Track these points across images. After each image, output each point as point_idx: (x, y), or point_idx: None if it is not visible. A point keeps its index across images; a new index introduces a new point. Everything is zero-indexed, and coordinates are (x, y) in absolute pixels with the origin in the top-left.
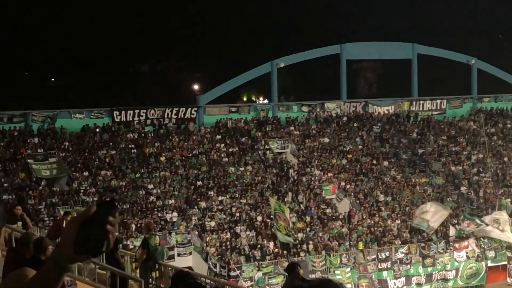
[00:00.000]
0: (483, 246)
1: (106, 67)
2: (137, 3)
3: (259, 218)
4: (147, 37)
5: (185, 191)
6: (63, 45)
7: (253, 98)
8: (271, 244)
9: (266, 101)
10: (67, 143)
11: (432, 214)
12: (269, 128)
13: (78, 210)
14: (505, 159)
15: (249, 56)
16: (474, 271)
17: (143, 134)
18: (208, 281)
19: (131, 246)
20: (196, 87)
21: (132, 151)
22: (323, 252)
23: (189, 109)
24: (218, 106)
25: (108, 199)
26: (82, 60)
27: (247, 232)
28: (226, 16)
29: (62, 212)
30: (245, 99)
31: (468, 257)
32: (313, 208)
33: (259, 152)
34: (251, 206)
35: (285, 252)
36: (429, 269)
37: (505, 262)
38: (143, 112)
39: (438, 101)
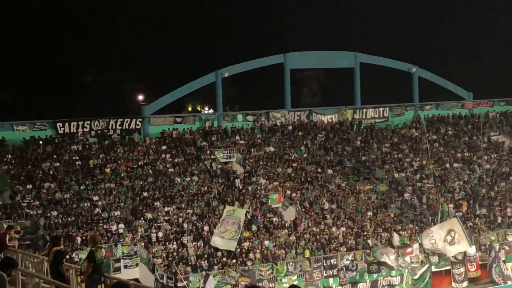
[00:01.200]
0: (426, 251)
1: (49, 79)
2: (81, 14)
3: (206, 228)
4: (90, 48)
5: (131, 203)
6: (4, 57)
7: (198, 108)
8: (219, 253)
9: (211, 111)
10: (9, 156)
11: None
12: (214, 138)
13: (22, 224)
14: (447, 165)
15: (194, 66)
16: (419, 277)
17: (87, 146)
18: None
19: (76, 259)
20: (140, 97)
21: (77, 163)
22: (270, 260)
23: (134, 120)
24: (163, 117)
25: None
26: (24, 72)
27: (194, 243)
28: (171, 27)
29: (5, 226)
30: (190, 109)
31: (412, 262)
32: (259, 217)
33: (205, 162)
34: (197, 216)
35: (233, 261)
36: (375, 276)
37: (449, 267)
38: (87, 124)
39: (381, 109)
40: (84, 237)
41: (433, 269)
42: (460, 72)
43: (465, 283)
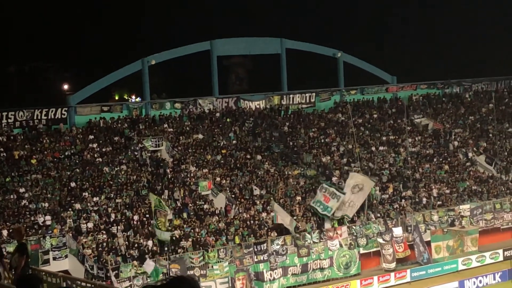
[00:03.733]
0: (355, 234)
1: None
2: (3, 3)
3: (136, 218)
4: (13, 38)
5: (58, 194)
6: None
7: (125, 97)
8: (150, 242)
9: (138, 99)
10: None
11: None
12: (142, 126)
13: None
14: (373, 148)
15: (120, 54)
16: (348, 259)
17: (12, 137)
18: (84, 284)
19: (3, 253)
20: (66, 86)
21: (1, 154)
22: (201, 248)
23: (60, 109)
24: (89, 106)
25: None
26: None
27: (124, 233)
28: (96, 14)
29: None
30: (117, 97)
31: (341, 245)
32: (189, 205)
33: (134, 151)
34: (127, 206)
35: (165, 249)
36: (305, 259)
37: (377, 248)
38: (11, 114)
39: (307, 95)
40: (10, 230)
41: (361, 251)
42: (384, 56)
43: (394, 264)
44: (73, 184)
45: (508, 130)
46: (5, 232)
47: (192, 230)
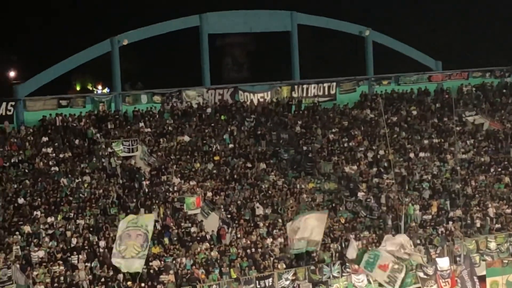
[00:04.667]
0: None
1: None
2: None
3: (102, 244)
4: None
5: (2, 213)
6: None
7: (90, 87)
8: (120, 276)
9: (106, 90)
10: None
11: (309, 228)
12: (111, 126)
13: None
14: (411, 155)
15: (82, 32)
16: None
17: None
18: None
19: None
20: (12, 74)
21: None
22: (187, 284)
23: (4, 104)
24: (43, 99)
25: None
26: None
27: (87, 263)
28: None
29: None
30: (78, 88)
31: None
32: (172, 227)
33: (100, 157)
34: (91, 229)
35: (142, 284)
36: None
37: (417, 285)
38: None
39: (326, 85)
40: None
41: None
42: (426, 36)
43: None
44: (21, 201)
45: None
46: None
47: (174, 261)
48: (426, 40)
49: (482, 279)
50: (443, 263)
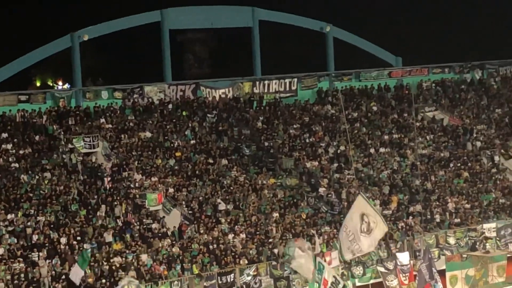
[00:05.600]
0: (349, 260)
1: None
2: None
3: (63, 240)
4: None
5: None
6: None
7: (50, 83)
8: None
9: (66, 86)
10: None
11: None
12: (72, 122)
13: None
14: (371, 150)
15: (42, 26)
16: None
17: None
18: None
19: None
20: None
21: None
22: (148, 280)
23: None
24: (2, 95)
25: None
26: None
27: (48, 260)
28: None
29: None
30: (38, 84)
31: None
32: (133, 224)
33: (61, 153)
34: (52, 225)
35: (103, 280)
36: None
37: (378, 280)
38: None
39: (287, 81)
40: None
41: (357, 283)
42: (386, 32)
43: None
44: None
45: None
46: None
47: (136, 257)
48: (386, 36)
49: (441, 273)
50: (403, 257)
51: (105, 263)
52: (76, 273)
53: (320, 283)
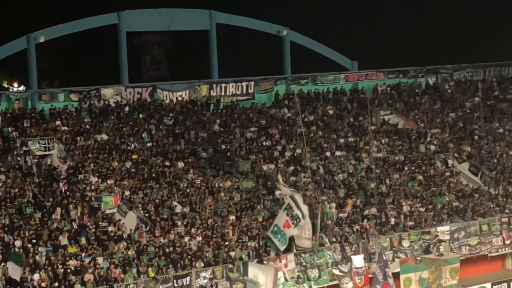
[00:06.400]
0: (304, 263)
1: None
2: None
3: (18, 243)
4: None
5: None
6: None
7: (5, 85)
8: (36, 276)
9: (22, 87)
10: None
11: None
12: (27, 124)
13: None
14: (327, 154)
15: None
16: None
17: None
18: None
19: None
20: None
21: None
22: (104, 283)
23: None
24: None
25: None
26: None
27: (3, 264)
28: None
29: None
30: None
31: (286, 279)
32: (89, 227)
33: (16, 156)
34: (6, 228)
35: (56, 284)
36: None
37: (333, 282)
38: None
39: (244, 84)
40: None
41: (313, 285)
42: (342, 36)
43: None
44: None
45: (498, 131)
46: None
47: (92, 260)
48: (342, 40)
49: (396, 276)
50: (358, 260)
51: (60, 266)
52: (14, 270)
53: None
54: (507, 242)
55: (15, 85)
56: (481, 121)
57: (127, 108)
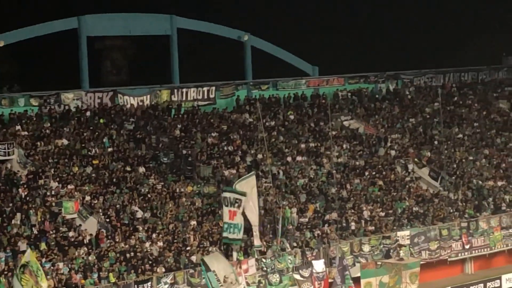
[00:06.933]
0: (265, 268)
1: None
2: None
3: None
4: None
5: None
6: None
7: None
8: None
9: None
10: None
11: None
12: None
13: None
14: (289, 159)
15: None
16: None
17: None
18: None
19: None
20: None
21: None
22: None
23: None
24: None
25: None
26: None
27: None
28: None
29: None
30: None
31: (247, 284)
32: (49, 232)
33: None
34: None
35: None
36: None
37: (295, 287)
38: None
39: (205, 89)
40: None
41: None
42: (303, 41)
43: None
44: None
45: (457, 136)
46: None
47: (52, 266)
48: (303, 45)
49: (356, 280)
50: (319, 265)
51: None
52: None
53: None
54: (467, 246)
55: None
56: (440, 126)
57: (88, 113)
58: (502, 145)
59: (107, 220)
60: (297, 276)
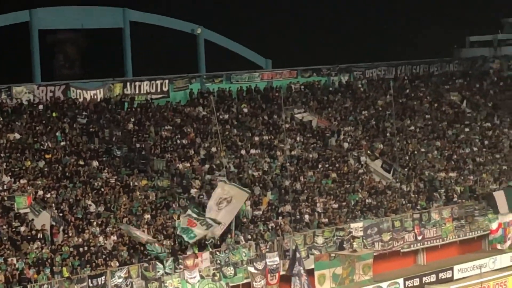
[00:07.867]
0: (219, 261)
1: None
2: None
3: None
4: None
5: None
6: None
7: None
8: None
9: None
10: None
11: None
12: None
13: None
14: (242, 151)
15: None
16: None
17: None
18: None
19: None
20: None
21: None
22: (17, 284)
23: None
24: None
25: None
26: None
27: None
28: None
29: None
30: None
31: (202, 277)
32: (2, 227)
33: None
34: None
35: None
36: None
37: (249, 280)
38: None
39: (159, 82)
40: None
41: (230, 283)
42: (256, 34)
43: None
44: None
45: (409, 129)
46: None
47: (4, 261)
48: (256, 38)
49: (310, 272)
50: (272, 258)
51: None
52: None
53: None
54: (419, 238)
55: None
56: (393, 118)
57: (40, 107)
58: (454, 137)
59: (60, 214)
60: (251, 269)
